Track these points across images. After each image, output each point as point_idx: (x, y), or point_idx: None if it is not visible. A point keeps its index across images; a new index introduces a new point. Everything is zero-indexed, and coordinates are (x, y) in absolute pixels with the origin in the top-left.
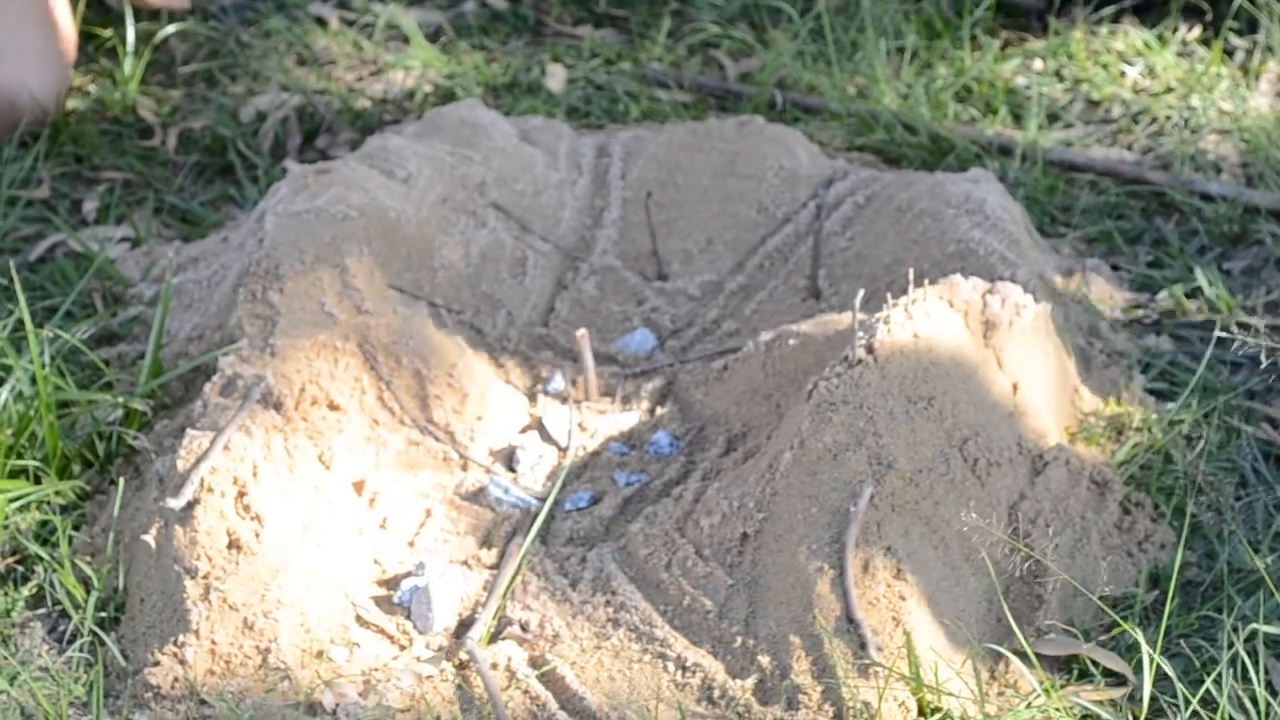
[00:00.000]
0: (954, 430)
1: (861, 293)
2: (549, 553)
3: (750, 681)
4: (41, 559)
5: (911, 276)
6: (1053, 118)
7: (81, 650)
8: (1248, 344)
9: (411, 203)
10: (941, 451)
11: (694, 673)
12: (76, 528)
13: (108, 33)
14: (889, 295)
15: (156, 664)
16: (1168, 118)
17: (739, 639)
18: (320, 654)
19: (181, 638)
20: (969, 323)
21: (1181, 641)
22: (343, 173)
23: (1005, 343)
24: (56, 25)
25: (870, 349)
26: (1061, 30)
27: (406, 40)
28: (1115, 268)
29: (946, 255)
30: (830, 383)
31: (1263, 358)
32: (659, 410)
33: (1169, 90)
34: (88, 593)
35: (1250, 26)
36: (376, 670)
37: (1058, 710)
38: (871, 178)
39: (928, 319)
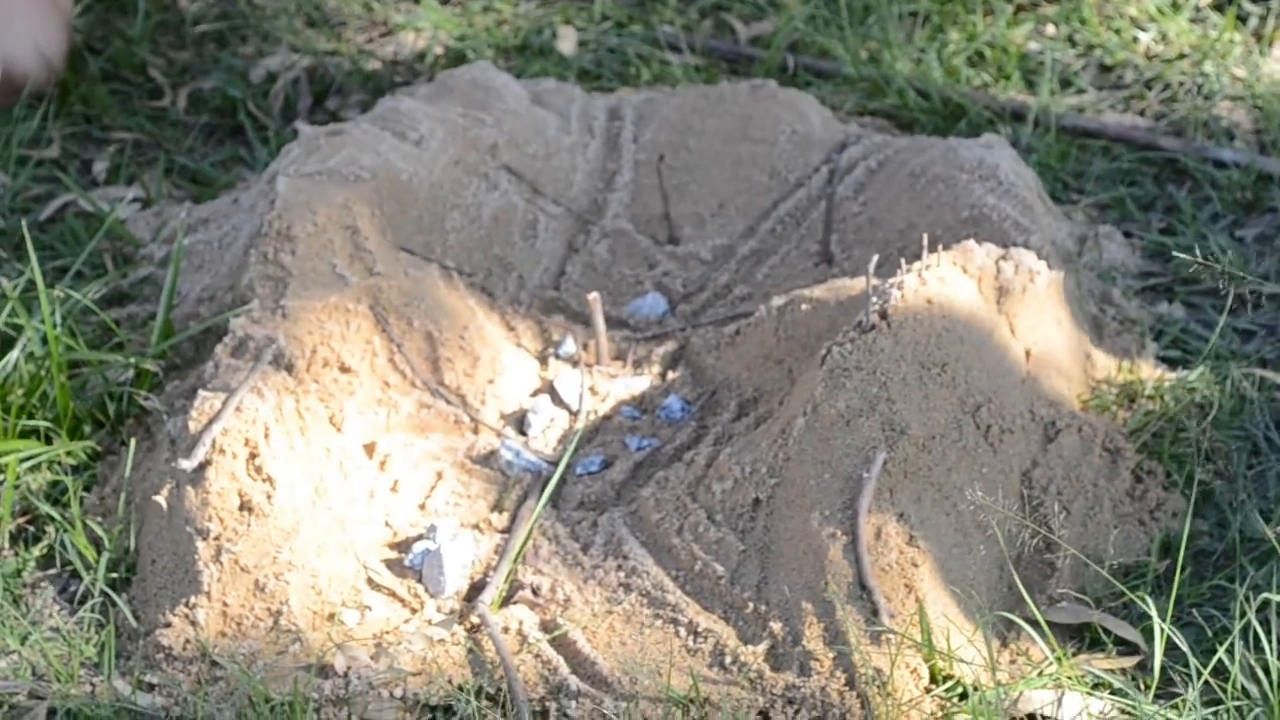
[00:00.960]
0: (967, 396)
1: (875, 258)
2: (560, 517)
3: (762, 647)
4: (52, 519)
5: (925, 242)
6: (1065, 83)
7: (93, 611)
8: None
9: (423, 165)
10: (954, 418)
11: (705, 638)
12: (87, 488)
13: None
14: (902, 261)
15: (168, 625)
16: (1181, 84)
17: (751, 605)
18: (331, 616)
19: (193, 599)
20: (982, 289)
21: (1194, 611)
22: (354, 134)
23: (1018, 309)
24: None
25: (884, 314)
26: None
27: (417, 1)
28: (1128, 234)
29: (960, 221)
30: (843, 348)
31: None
32: (670, 374)
33: (1182, 56)
34: (99, 553)
35: None
36: (388, 633)
37: (1069, 678)
38: (884, 143)
39: (941, 285)
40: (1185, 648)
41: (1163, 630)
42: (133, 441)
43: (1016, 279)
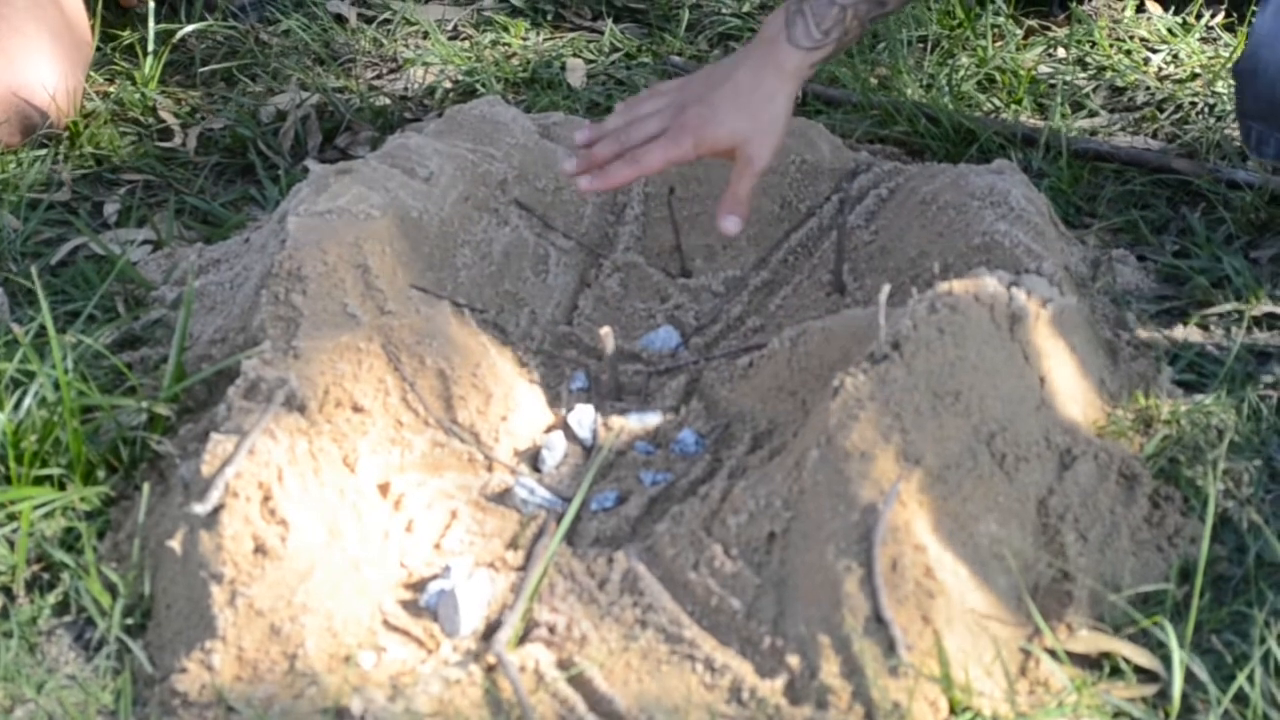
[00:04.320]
0: (981, 425)
1: (887, 287)
2: (575, 554)
3: (779, 682)
4: (67, 566)
5: (937, 270)
6: (1076, 106)
7: (108, 658)
8: None
9: (433, 201)
10: (969, 447)
11: (723, 673)
12: (101, 534)
13: (126, 33)
14: (914, 289)
15: (184, 670)
16: (1193, 105)
17: (767, 639)
18: (347, 659)
19: (208, 644)
20: (995, 316)
21: (1213, 637)
22: (364, 172)
23: (1032, 336)
24: (69, 24)
25: (896, 344)
26: (1084, 18)
27: (425, 36)
28: (1141, 258)
29: (971, 248)
30: (856, 379)
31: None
32: (684, 408)
33: (1193, 77)
34: (114, 599)
35: None
36: (404, 675)
37: (1089, 708)
38: (894, 170)
39: (953, 313)
40: (1204, 675)
41: (1181, 658)
42: (146, 486)
43: (1029, 306)
